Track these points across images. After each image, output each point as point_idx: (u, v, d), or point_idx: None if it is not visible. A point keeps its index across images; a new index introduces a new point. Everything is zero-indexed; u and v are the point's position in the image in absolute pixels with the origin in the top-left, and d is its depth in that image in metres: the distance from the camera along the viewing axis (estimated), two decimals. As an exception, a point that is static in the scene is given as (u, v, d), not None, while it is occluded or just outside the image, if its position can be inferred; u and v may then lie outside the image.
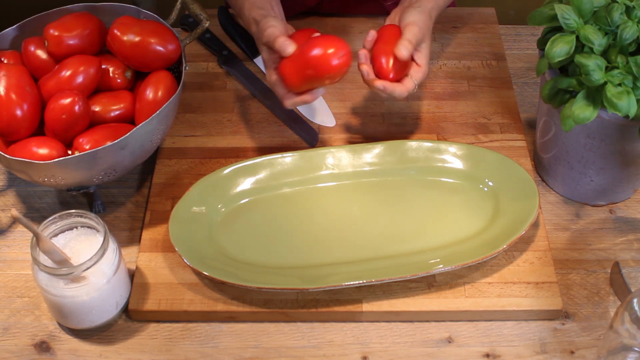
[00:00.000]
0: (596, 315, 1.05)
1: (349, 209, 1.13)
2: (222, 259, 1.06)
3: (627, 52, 1.00)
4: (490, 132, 1.24)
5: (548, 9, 1.06)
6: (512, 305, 1.03)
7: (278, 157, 1.16)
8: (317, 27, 1.41)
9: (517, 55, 1.38)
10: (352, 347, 1.02)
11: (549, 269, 1.07)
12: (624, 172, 1.11)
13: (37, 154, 1.04)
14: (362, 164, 1.16)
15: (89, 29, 1.12)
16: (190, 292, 1.05)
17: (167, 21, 1.14)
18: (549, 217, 1.15)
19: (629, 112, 0.97)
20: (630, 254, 1.10)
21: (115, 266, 0.99)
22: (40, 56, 1.12)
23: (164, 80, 1.10)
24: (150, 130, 1.06)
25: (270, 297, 1.04)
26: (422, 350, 1.01)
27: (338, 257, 1.07)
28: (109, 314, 1.02)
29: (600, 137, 1.06)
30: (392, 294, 1.04)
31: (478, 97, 1.29)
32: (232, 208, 1.13)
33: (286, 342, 1.02)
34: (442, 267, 1.03)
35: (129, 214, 1.16)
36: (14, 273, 1.10)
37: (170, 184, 1.18)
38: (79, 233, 1.01)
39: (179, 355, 1.01)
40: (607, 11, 1.00)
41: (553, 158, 1.15)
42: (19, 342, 1.03)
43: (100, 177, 1.07)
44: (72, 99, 1.05)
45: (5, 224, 1.16)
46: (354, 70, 1.34)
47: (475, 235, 1.08)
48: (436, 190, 1.15)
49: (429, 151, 1.17)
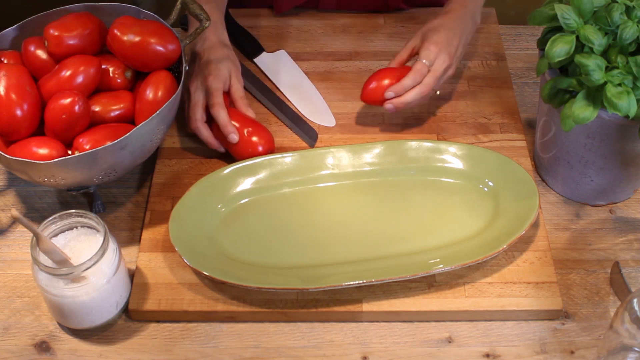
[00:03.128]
0: (596, 315, 1.05)
1: (349, 209, 1.13)
2: (222, 259, 1.06)
3: (627, 52, 1.00)
4: (490, 132, 1.24)
5: (548, 9, 1.06)
6: (512, 305, 1.03)
7: (278, 157, 1.16)
8: (316, 27, 1.42)
9: (517, 55, 1.38)
10: (352, 347, 1.02)
11: (549, 269, 1.07)
12: (624, 172, 1.11)
13: (37, 154, 1.04)
14: (362, 164, 1.16)
15: (89, 29, 1.12)
16: (190, 292, 1.05)
17: (167, 21, 1.14)
18: (549, 217, 1.15)
19: (629, 112, 0.97)
20: (630, 254, 1.10)
21: (115, 266, 0.99)
22: (40, 56, 1.12)
23: (164, 80, 1.10)
24: (150, 130, 1.06)
25: (270, 297, 1.04)
26: (422, 350, 1.01)
27: (338, 257, 1.07)
28: (109, 314, 1.02)
29: (600, 137, 1.06)
30: (392, 294, 1.04)
31: (478, 97, 1.29)
32: (232, 208, 1.13)
33: (286, 342, 1.02)
34: (442, 267, 1.03)
35: (129, 214, 1.16)
36: (14, 273, 1.10)
37: (170, 184, 1.18)
38: (79, 233, 1.01)
39: (179, 355, 1.01)
40: (607, 11, 1.00)
41: (553, 158, 1.15)
42: (19, 342, 1.03)
43: (100, 177, 1.07)
44: (72, 99, 1.05)
45: (5, 224, 1.16)
46: (354, 71, 1.34)
47: (475, 235, 1.08)
48: (436, 190, 1.15)
49: (429, 151, 1.17)
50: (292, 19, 1.43)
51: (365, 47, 1.38)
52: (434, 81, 1.19)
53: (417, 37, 1.23)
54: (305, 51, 1.37)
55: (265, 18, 1.43)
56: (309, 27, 1.41)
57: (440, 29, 1.21)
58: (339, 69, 1.34)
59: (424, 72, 1.19)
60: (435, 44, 1.19)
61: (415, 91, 1.18)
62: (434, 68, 1.19)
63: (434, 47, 1.19)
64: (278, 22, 1.42)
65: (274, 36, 1.39)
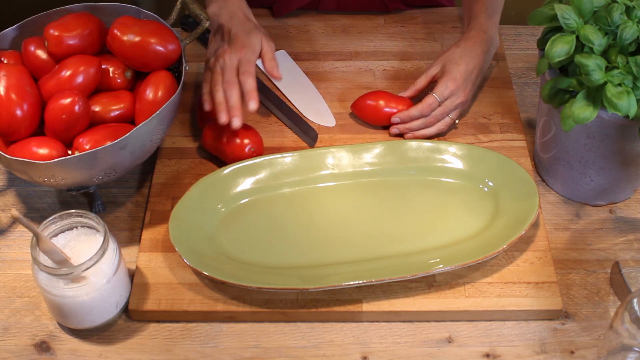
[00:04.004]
0: (596, 315, 1.05)
1: (349, 209, 1.13)
2: (222, 259, 1.06)
3: (627, 52, 1.00)
4: (490, 132, 1.24)
5: (548, 9, 1.06)
6: (512, 305, 1.03)
7: (278, 157, 1.16)
8: (316, 27, 1.42)
9: (517, 55, 1.38)
10: (352, 347, 1.02)
11: (549, 269, 1.07)
12: (624, 172, 1.11)
13: (37, 154, 1.04)
14: (362, 164, 1.16)
15: (89, 29, 1.12)
16: (190, 292, 1.05)
17: (167, 21, 1.14)
18: (549, 217, 1.15)
19: (629, 112, 0.97)
20: (630, 254, 1.10)
21: (115, 266, 0.99)
22: (40, 56, 1.12)
23: (164, 80, 1.10)
24: (150, 130, 1.06)
25: (270, 297, 1.04)
26: (422, 350, 1.01)
27: (338, 257, 1.07)
28: (109, 314, 1.02)
29: (600, 137, 1.06)
30: (392, 294, 1.04)
31: (478, 97, 1.29)
32: (232, 208, 1.13)
33: (286, 342, 1.02)
34: (442, 267, 1.03)
35: (129, 214, 1.16)
36: (14, 273, 1.10)
37: (170, 184, 1.18)
38: (79, 233, 1.01)
39: (179, 355, 1.01)
40: (607, 11, 1.00)
41: (553, 158, 1.15)
42: (19, 342, 1.03)
43: (100, 177, 1.07)
44: (72, 99, 1.05)
45: (5, 224, 1.16)
46: (354, 71, 1.34)
47: (475, 235, 1.08)
48: (436, 190, 1.15)
49: (429, 151, 1.17)
50: (292, 19, 1.43)
51: (365, 47, 1.38)
52: (442, 115, 1.20)
53: (437, 65, 1.23)
54: (305, 51, 1.37)
55: (265, 18, 1.43)
56: (309, 27, 1.41)
57: (461, 61, 1.21)
58: (339, 69, 1.34)
59: (433, 106, 1.20)
60: (454, 81, 1.20)
61: (421, 121, 1.20)
62: (446, 104, 1.20)
63: (452, 84, 1.19)
64: (278, 23, 1.42)
65: (274, 36, 1.39)
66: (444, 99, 1.20)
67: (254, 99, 1.14)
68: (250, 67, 1.16)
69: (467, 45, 1.23)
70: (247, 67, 1.16)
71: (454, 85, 1.20)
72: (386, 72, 1.33)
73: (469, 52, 1.22)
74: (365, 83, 1.32)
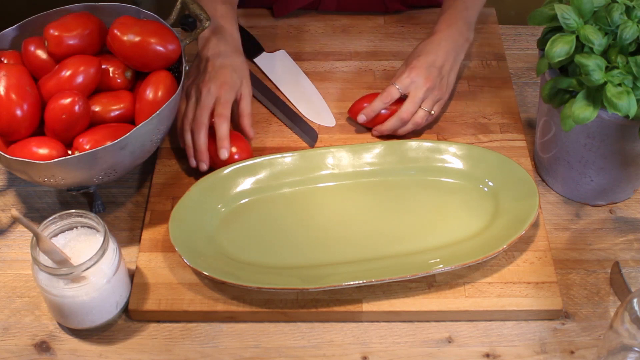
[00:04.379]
0: (596, 315, 1.05)
1: (348, 209, 1.13)
2: (222, 259, 1.06)
3: (627, 52, 1.00)
4: (490, 132, 1.24)
5: (548, 9, 1.06)
6: (512, 305, 1.03)
7: (278, 157, 1.16)
8: (316, 27, 1.42)
9: (517, 55, 1.38)
10: (352, 347, 1.02)
11: (549, 269, 1.07)
12: (624, 172, 1.11)
13: (37, 154, 1.04)
14: (362, 164, 1.16)
15: (89, 29, 1.12)
16: (190, 292, 1.05)
17: (167, 21, 1.14)
18: (549, 217, 1.15)
19: (629, 112, 0.97)
20: (630, 254, 1.10)
21: (115, 266, 0.99)
22: (40, 56, 1.12)
23: (164, 80, 1.10)
24: (150, 130, 1.06)
25: (270, 297, 1.04)
26: (422, 350, 1.01)
27: (338, 257, 1.07)
28: (109, 314, 1.02)
29: (600, 137, 1.06)
30: (392, 294, 1.04)
31: (478, 97, 1.29)
32: (232, 208, 1.13)
33: (286, 342, 1.02)
34: (442, 267, 1.03)
35: (129, 214, 1.16)
36: (14, 273, 1.10)
37: (170, 184, 1.18)
38: (79, 233, 1.01)
39: (179, 355, 1.01)
40: (607, 11, 1.00)
41: (553, 158, 1.15)
42: (19, 342, 1.03)
43: (100, 177, 1.07)
44: (72, 99, 1.05)
45: (5, 224, 1.16)
46: (354, 71, 1.34)
47: (475, 235, 1.08)
48: (436, 190, 1.15)
49: (429, 151, 1.17)
50: (292, 19, 1.43)
51: (365, 47, 1.38)
52: (414, 106, 1.19)
53: (402, 66, 1.24)
54: (305, 51, 1.37)
55: (265, 18, 1.43)
56: (309, 27, 1.41)
57: (421, 53, 1.22)
58: (339, 69, 1.34)
59: (392, 94, 1.20)
60: (411, 69, 1.20)
61: (394, 119, 1.20)
62: (412, 94, 1.19)
63: (409, 71, 1.20)
64: (278, 22, 1.42)
65: (274, 36, 1.39)
66: (405, 87, 1.19)
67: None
68: (226, 109, 1.14)
69: (429, 40, 1.24)
70: (222, 110, 1.14)
71: (413, 72, 1.19)
72: (386, 72, 1.33)
73: (430, 46, 1.22)
74: (365, 83, 1.32)
